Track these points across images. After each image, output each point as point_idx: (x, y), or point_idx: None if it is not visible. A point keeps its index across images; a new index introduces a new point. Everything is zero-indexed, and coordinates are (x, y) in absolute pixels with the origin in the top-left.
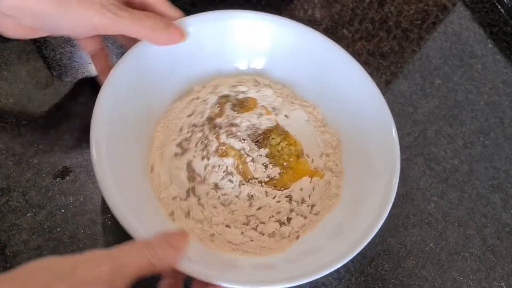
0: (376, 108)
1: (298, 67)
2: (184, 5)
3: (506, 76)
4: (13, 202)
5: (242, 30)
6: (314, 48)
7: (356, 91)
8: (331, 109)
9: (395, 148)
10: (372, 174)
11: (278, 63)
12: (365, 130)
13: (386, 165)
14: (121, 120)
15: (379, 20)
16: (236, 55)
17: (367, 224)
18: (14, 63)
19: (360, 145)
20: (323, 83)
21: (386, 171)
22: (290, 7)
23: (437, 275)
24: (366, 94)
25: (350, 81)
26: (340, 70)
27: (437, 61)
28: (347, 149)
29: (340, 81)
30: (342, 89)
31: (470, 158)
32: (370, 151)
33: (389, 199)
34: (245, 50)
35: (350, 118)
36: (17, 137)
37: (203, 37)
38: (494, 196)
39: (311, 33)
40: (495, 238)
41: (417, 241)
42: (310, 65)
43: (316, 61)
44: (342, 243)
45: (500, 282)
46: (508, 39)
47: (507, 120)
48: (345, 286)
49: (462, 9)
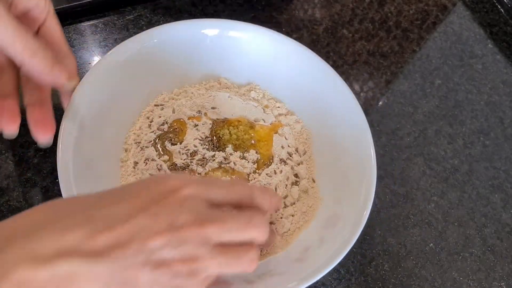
0: (359, 139)
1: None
2: (184, 5)
3: (506, 76)
4: (13, 202)
5: (212, 39)
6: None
7: (338, 110)
8: (308, 118)
9: (372, 176)
10: (347, 198)
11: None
12: (344, 152)
13: (362, 190)
14: (87, 159)
15: (379, 20)
16: (205, 62)
17: (334, 250)
18: None
19: (338, 171)
20: (300, 91)
21: (361, 197)
22: (290, 7)
23: (437, 275)
24: (349, 122)
25: (335, 98)
26: (319, 81)
27: (437, 61)
28: (321, 162)
29: (319, 92)
30: (322, 101)
31: (470, 158)
32: (348, 176)
33: (358, 228)
34: (214, 57)
35: (326, 127)
36: (17, 137)
37: (171, 46)
38: (494, 196)
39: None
40: (495, 238)
41: (417, 241)
42: (286, 72)
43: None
44: (305, 268)
45: (500, 282)
46: (508, 39)
47: (507, 120)
48: (345, 286)
49: (462, 9)
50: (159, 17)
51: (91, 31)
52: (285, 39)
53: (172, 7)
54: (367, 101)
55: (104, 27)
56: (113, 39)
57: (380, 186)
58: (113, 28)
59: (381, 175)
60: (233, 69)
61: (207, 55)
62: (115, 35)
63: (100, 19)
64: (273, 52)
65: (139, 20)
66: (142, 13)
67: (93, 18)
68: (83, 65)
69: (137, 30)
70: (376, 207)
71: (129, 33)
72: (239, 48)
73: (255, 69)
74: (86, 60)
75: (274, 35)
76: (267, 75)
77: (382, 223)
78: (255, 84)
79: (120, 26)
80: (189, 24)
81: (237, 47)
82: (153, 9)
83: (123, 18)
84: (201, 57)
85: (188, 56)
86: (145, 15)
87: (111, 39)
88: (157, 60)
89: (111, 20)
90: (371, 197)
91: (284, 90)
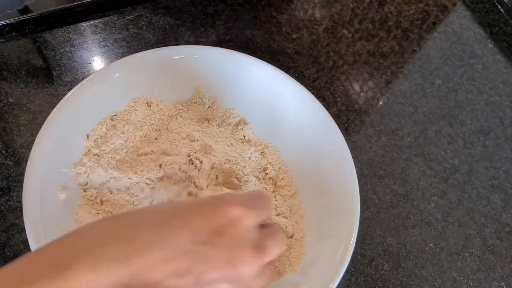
0: (342, 167)
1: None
2: (185, 6)
3: (506, 76)
4: (13, 202)
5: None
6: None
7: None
8: (289, 150)
9: (355, 214)
10: (329, 234)
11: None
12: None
13: (344, 229)
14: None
15: (379, 20)
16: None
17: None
18: (14, 63)
19: (320, 204)
20: (274, 119)
21: (344, 235)
22: (290, 7)
23: (437, 275)
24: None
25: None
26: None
27: (437, 61)
28: (306, 199)
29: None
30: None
31: (470, 158)
32: (332, 207)
33: (342, 267)
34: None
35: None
36: (17, 137)
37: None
38: (494, 196)
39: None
40: (495, 238)
41: (417, 241)
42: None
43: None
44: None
45: (500, 282)
46: (508, 39)
47: (507, 120)
48: (345, 286)
49: (462, 9)
50: (159, 17)
51: (91, 31)
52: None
53: (172, 7)
54: (367, 101)
55: (104, 27)
56: (113, 39)
57: (380, 186)
58: (113, 28)
59: (381, 175)
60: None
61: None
62: (115, 35)
63: (100, 19)
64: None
65: (139, 20)
66: (142, 13)
67: (93, 18)
68: (83, 65)
69: (137, 30)
70: (376, 207)
71: (129, 33)
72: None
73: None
74: (86, 60)
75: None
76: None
77: (382, 223)
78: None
79: (120, 26)
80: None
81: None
82: (153, 9)
83: (123, 18)
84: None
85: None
86: (145, 15)
87: (111, 39)
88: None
89: (111, 20)
90: (352, 240)
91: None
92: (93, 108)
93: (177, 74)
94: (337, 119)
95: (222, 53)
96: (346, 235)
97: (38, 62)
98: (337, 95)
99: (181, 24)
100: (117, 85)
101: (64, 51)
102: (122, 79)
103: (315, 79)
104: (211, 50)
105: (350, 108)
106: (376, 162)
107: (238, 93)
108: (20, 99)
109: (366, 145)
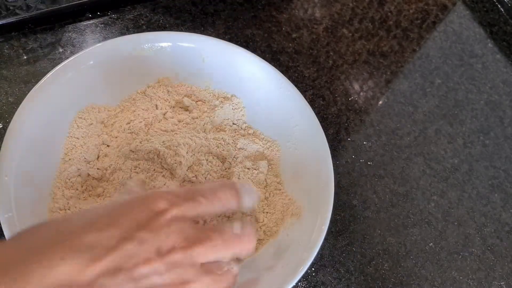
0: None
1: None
2: (185, 5)
3: (506, 75)
4: None
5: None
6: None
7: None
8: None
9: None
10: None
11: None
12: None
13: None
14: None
15: (379, 19)
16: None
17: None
18: (14, 63)
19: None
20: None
21: (320, 213)
22: (290, 7)
23: (437, 274)
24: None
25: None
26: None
27: (437, 60)
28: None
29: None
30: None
31: (470, 158)
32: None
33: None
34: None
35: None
36: None
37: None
38: (494, 196)
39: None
40: (494, 238)
41: (417, 241)
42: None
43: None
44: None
45: (500, 282)
46: (508, 38)
47: (507, 119)
48: (345, 285)
49: (462, 8)
50: (159, 17)
51: (91, 30)
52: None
53: (172, 7)
54: (367, 101)
55: (104, 27)
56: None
57: (380, 186)
58: (113, 28)
59: (381, 175)
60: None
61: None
62: (115, 35)
63: (100, 19)
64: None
65: (138, 19)
66: (141, 13)
67: (93, 18)
68: None
69: (136, 29)
70: (376, 207)
71: (129, 32)
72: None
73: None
74: None
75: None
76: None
77: (382, 223)
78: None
79: (120, 26)
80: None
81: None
82: (153, 9)
83: (123, 17)
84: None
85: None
86: (144, 15)
87: (111, 38)
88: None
89: (111, 20)
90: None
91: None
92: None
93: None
94: (337, 118)
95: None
96: (323, 213)
97: (38, 61)
98: (337, 94)
99: (181, 23)
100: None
101: (64, 50)
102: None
103: (315, 79)
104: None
105: (350, 108)
106: (376, 161)
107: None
108: (20, 99)
109: (366, 144)
